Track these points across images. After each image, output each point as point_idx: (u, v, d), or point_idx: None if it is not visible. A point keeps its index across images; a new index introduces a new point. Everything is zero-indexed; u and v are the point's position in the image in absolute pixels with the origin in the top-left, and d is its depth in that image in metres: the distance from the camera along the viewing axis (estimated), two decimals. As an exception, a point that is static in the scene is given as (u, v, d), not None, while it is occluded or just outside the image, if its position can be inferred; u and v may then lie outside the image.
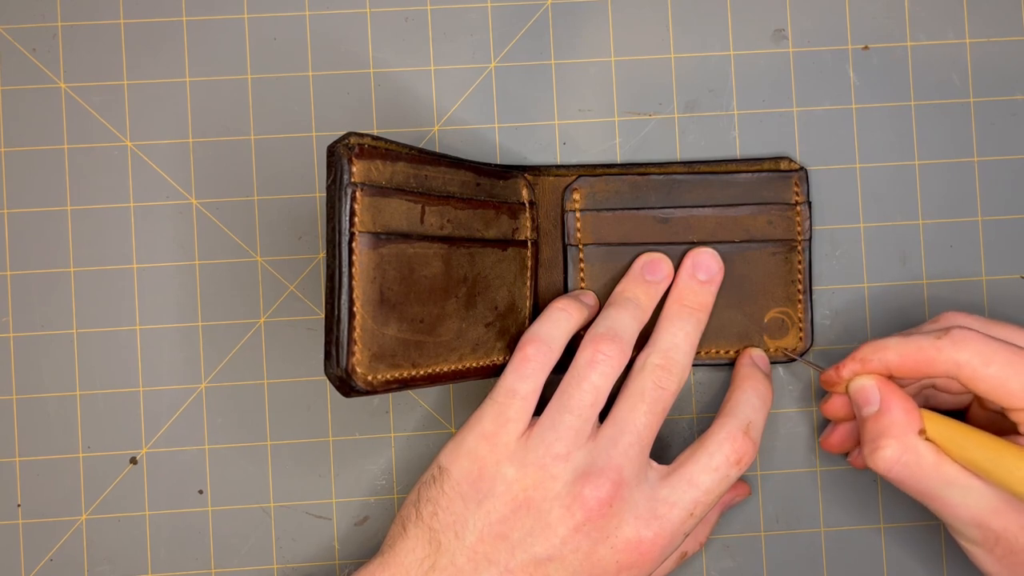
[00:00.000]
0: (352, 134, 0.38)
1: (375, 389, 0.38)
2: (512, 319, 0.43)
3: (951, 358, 0.38)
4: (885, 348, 0.40)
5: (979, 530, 0.38)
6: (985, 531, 0.38)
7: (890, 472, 0.39)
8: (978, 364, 0.38)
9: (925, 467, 0.38)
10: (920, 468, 0.38)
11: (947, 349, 0.38)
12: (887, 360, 0.40)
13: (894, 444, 0.39)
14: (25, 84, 0.45)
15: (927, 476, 0.38)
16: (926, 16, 0.46)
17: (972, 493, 0.38)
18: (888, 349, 0.40)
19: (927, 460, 0.38)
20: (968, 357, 0.38)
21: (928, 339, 0.39)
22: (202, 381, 0.45)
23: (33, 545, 0.45)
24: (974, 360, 0.38)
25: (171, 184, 0.46)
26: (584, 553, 0.39)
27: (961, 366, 0.38)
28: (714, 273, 0.44)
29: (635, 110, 0.46)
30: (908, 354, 0.39)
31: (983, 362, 0.38)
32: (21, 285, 0.45)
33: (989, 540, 0.38)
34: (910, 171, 0.46)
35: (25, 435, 0.45)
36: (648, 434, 0.40)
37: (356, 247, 0.37)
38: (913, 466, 0.38)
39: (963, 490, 0.38)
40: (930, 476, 0.38)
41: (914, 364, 0.39)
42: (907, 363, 0.39)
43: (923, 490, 0.39)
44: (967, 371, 0.38)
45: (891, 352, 0.40)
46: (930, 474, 0.38)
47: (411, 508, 0.40)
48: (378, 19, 0.46)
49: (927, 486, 0.39)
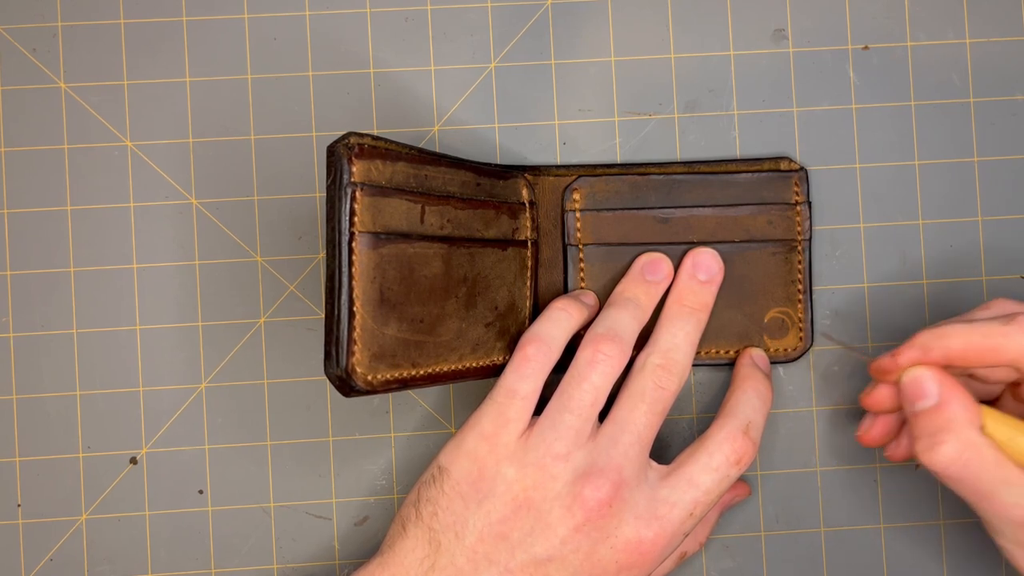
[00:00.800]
0: (352, 134, 0.38)
1: (375, 389, 0.38)
2: (512, 319, 0.43)
3: (1021, 345, 0.37)
4: (948, 335, 0.38)
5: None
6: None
7: (948, 470, 0.37)
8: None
9: (986, 465, 0.37)
10: (980, 466, 0.37)
11: (1015, 335, 0.37)
12: (950, 348, 0.38)
13: (954, 441, 0.37)
14: (25, 84, 0.45)
15: (987, 475, 0.37)
16: (926, 16, 0.46)
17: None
18: (952, 336, 0.38)
19: (988, 458, 0.37)
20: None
21: (994, 326, 0.37)
22: (202, 381, 0.45)
23: (33, 545, 0.45)
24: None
25: (171, 184, 0.46)
26: (584, 553, 0.39)
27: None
28: (714, 273, 0.44)
29: (635, 110, 0.46)
30: (974, 342, 0.37)
31: None
32: (21, 285, 0.45)
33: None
34: (910, 171, 0.46)
35: (25, 435, 0.45)
36: (648, 434, 0.40)
37: (356, 247, 0.37)
38: (974, 464, 0.37)
39: (1020, 490, 0.36)
40: (990, 475, 0.37)
41: (978, 352, 0.37)
42: (971, 351, 0.38)
43: (980, 489, 0.37)
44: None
45: (956, 339, 0.38)
46: (991, 473, 0.37)
47: (411, 508, 0.40)
48: (378, 19, 0.46)
49: (985, 485, 0.37)
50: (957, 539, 0.45)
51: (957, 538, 0.45)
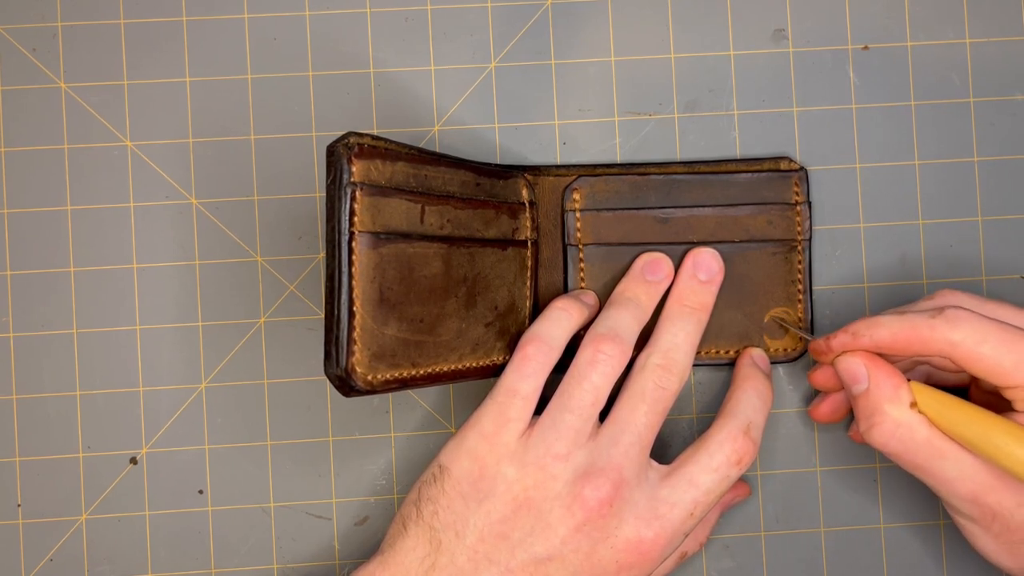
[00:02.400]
0: (352, 134, 0.38)
1: (375, 389, 0.38)
2: (512, 319, 0.43)
3: (945, 337, 0.38)
4: (878, 325, 0.39)
5: (975, 506, 0.38)
6: (981, 507, 0.38)
7: (887, 447, 0.39)
8: (972, 344, 0.38)
9: (919, 440, 0.38)
10: (914, 442, 0.38)
11: (941, 328, 0.38)
12: (879, 337, 0.39)
13: (886, 421, 0.38)
14: (25, 84, 0.45)
15: (921, 450, 0.38)
16: (926, 16, 0.46)
17: (967, 467, 0.38)
18: (881, 326, 0.39)
19: (920, 434, 0.38)
20: (962, 336, 0.38)
21: (922, 318, 0.39)
22: (202, 381, 0.45)
23: (33, 545, 0.45)
24: (968, 340, 0.38)
25: (171, 184, 0.46)
26: (584, 553, 0.39)
27: (955, 345, 0.38)
28: (715, 273, 0.44)
29: (635, 110, 0.46)
30: (901, 332, 0.39)
31: (976, 341, 0.38)
32: (21, 285, 0.45)
33: (986, 516, 0.38)
34: (910, 171, 0.46)
35: (25, 435, 0.45)
36: (649, 434, 0.40)
37: (356, 247, 0.37)
38: (907, 440, 0.38)
39: (957, 464, 0.38)
40: (924, 450, 0.38)
41: (907, 342, 0.39)
42: (900, 341, 0.39)
43: (919, 464, 0.39)
44: (961, 351, 0.38)
45: (884, 329, 0.39)
46: (924, 448, 0.38)
47: (411, 507, 0.40)
48: (378, 19, 0.46)
49: (922, 460, 0.38)
50: (957, 539, 0.45)
51: (957, 538, 0.45)
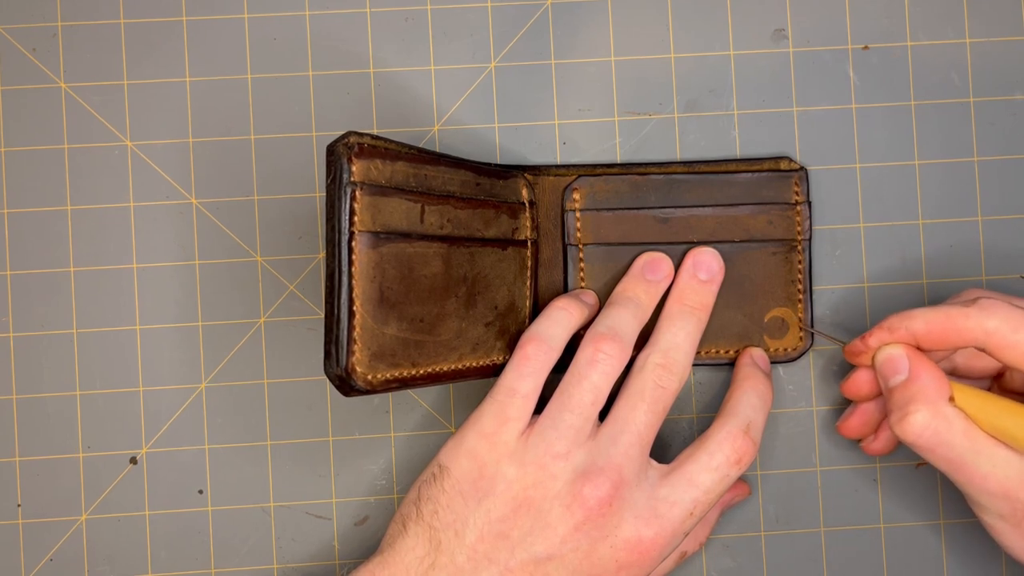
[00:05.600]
0: (352, 133, 0.38)
1: (375, 388, 0.38)
2: (512, 318, 0.43)
3: (980, 325, 0.38)
4: (912, 317, 0.39)
5: (1006, 502, 0.38)
6: (1013, 503, 0.38)
7: (919, 439, 0.38)
8: (1007, 331, 0.38)
9: (956, 434, 0.38)
10: (950, 435, 0.38)
11: (975, 316, 0.38)
12: (915, 328, 0.39)
13: (924, 410, 0.38)
14: (25, 84, 0.45)
15: (957, 443, 0.38)
16: (926, 16, 0.46)
17: (1001, 463, 0.38)
18: (915, 318, 0.39)
19: (957, 427, 0.38)
20: (997, 324, 0.38)
21: (956, 308, 0.39)
22: (202, 381, 0.45)
23: (33, 545, 0.45)
24: (1003, 327, 0.38)
25: (171, 184, 0.46)
26: (584, 552, 0.39)
27: (990, 333, 0.38)
28: (715, 272, 0.44)
29: (635, 110, 0.46)
30: (936, 322, 0.39)
31: (1012, 328, 0.37)
32: (21, 285, 0.45)
33: (1016, 513, 0.38)
34: (910, 171, 0.46)
35: (25, 435, 0.45)
36: (648, 433, 0.40)
37: (356, 246, 0.37)
38: (943, 432, 0.38)
39: (992, 459, 0.38)
40: (960, 443, 0.38)
41: (942, 332, 0.39)
42: (935, 331, 0.39)
43: (952, 458, 0.38)
44: (996, 338, 0.38)
45: (919, 321, 0.39)
46: (960, 441, 0.38)
47: (411, 506, 0.40)
48: (378, 19, 0.46)
49: (956, 454, 0.38)
50: (957, 539, 0.45)
51: (957, 538, 0.45)
